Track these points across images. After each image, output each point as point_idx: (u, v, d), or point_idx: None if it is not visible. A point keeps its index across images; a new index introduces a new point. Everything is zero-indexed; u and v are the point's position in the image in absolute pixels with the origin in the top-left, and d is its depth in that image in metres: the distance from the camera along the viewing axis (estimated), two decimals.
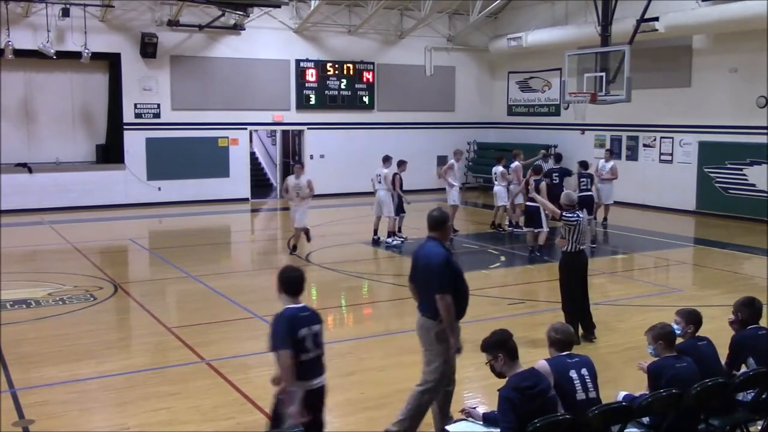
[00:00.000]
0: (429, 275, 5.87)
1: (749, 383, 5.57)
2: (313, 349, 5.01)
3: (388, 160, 15.80)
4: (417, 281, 6.09)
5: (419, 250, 6.10)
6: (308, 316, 5.09)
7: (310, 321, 5.07)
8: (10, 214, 19.22)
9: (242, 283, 12.49)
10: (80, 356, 8.39)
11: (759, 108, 18.15)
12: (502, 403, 4.73)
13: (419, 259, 6.04)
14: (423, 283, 5.98)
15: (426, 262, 5.92)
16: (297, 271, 5.28)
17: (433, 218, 6.03)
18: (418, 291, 6.10)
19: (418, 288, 6.09)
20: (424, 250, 6.02)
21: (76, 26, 19.69)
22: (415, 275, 6.11)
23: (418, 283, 6.08)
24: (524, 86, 25.68)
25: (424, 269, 5.94)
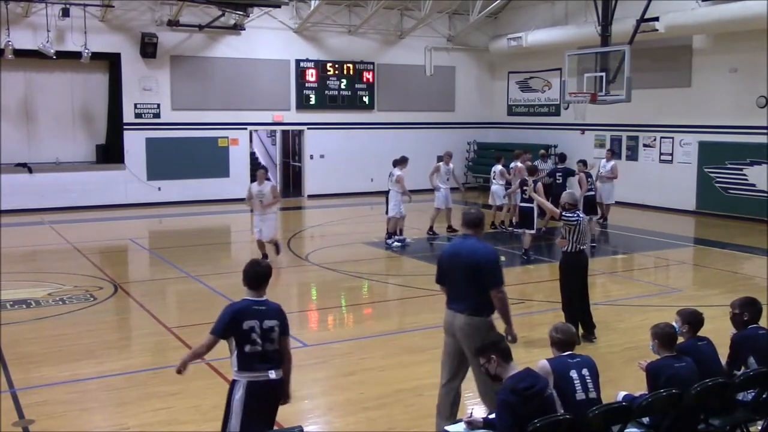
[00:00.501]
0: (480, 271, 5.81)
1: (749, 383, 5.57)
2: (260, 342, 4.97)
3: (405, 161, 15.63)
4: (456, 280, 5.95)
5: (460, 249, 6.00)
6: (263, 310, 5.10)
7: (263, 315, 5.06)
8: (10, 214, 19.21)
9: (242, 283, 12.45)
10: (80, 356, 8.39)
11: (759, 108, 18.14)
12: (500, 408, 4.73)
13: (462, 257, 5.91)
14: (469, 281, 5.85)
15: (474, 259, 5.84)
16: (260, 267, 5.35)
17: (471, 217, 6.04)
18: (458, 290, 5.95)
19: (458, 287, 5.95)
20: (467, 247, 5.93)
21: (76, 26, 19.69)
22: (453, 274, 5.97)
23: (457, 282, 5.94)
24: (524, 86, 25.68)
25: (471, 266, 5.83)
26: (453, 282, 5.99)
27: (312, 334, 9.77)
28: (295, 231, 18.46)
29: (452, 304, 5.98)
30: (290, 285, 13.08)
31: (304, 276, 13.36)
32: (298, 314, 11.05)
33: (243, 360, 4.94)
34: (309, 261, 14.21)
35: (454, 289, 6.00)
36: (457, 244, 6.14)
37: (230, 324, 4.98)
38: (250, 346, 4.95)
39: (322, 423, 6.82)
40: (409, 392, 7.27)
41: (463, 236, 6.08)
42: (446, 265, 6.08)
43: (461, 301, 5.90)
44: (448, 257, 6.11)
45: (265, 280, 5.31)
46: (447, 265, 6.07)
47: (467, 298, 5.88)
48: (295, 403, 7.08)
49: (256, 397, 4.94)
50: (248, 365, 4.95)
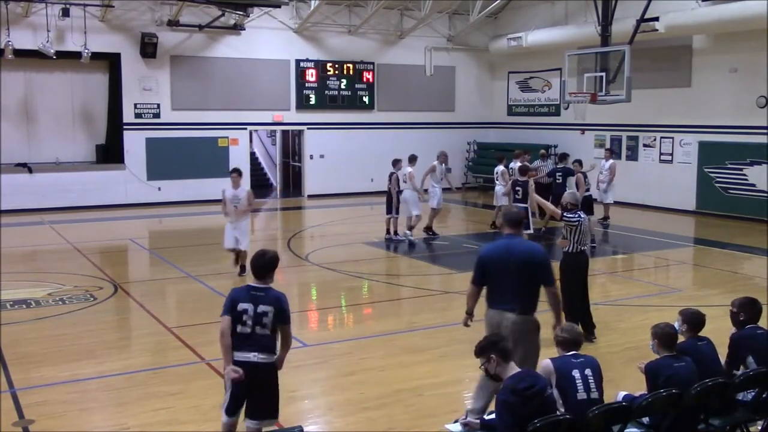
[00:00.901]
0: (536, 269, 5.93)
1: (749, 383, 5.57)
2: (250, 325, 5.28)
3: (414, 159, 15.98)
4: (505, 279, 5.95)
5: (509, 248, 6.01)
6: (260, 296, 5.42)
7: (259, 300, 5.37)
8: (10, 214, 19.21)
9: (242, 283, 12.45)
10: (80, 356, 8.39)
11: (759, 108, 18.14)
12: (499, 408, 4.73)
13: (514, 256, 5.94)
14: (522, 280, 5.91)
15: (529, 258, 5.94)
16: (263, 257, 5.68)
17: (515, 215, 6.21)
18: (507, 289, 5.95)
19: (508, 286, 5.95)
20: (518, 246, 6.01)
21: (76, 26, 19.69)
22: (502, 274, 5.97)
23: (507, 282, 5.94)
24: (524, 86, 25.68)
25: (525, 265, 5.91)
26: (501, 281, 6.00)
27: (312, 334, 9.77)
28: (295, 231, 18.46)
29: (500, 304, 6.01)
30: (290, 285, 13.05)
31: (304, 276, 13.36)
32: (298, 314, 11.05)
33: (234, 340, 5.28)
34: (309, 261, 14.21)
35: (502, 289, 6.00)
36: (504, 244, 6.11)
37: (229, 305, 5.37)
38: (240, 326, 5.29)
39: (322, 423, 6.82)
40: (409, 392, 7.27)
41: (508, 236, 6.13)
42: (492, 265, 6.07)
43: (511, 300, 5.94)
44: (495, 257, 6.09)
45: (268, 270, 5.64)
46: (493, 264, 6.06)
47: (519, 297, 5.94)
48: (295, 403, 7.10)
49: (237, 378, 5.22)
50: (236, 345, 5.27)
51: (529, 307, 5.96)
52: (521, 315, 5.92)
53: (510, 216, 6.18)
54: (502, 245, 6.13)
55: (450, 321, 9.99)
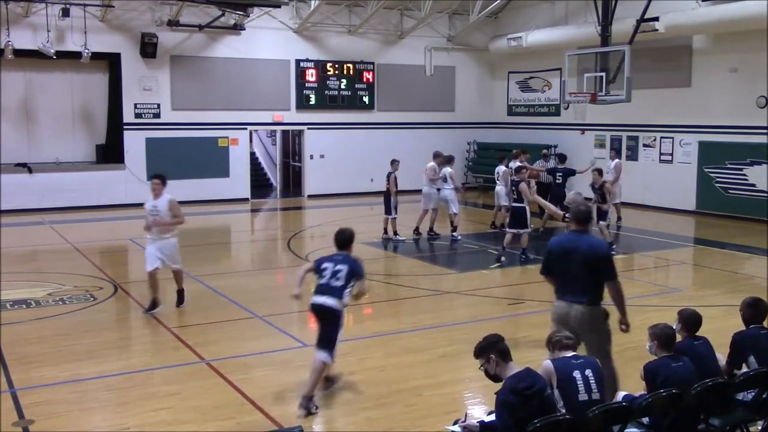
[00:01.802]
0: (599, 264, 6.16)
1: (749, 383, 5.58)
2: (326, 275, 7.03)
3: (452, 160, 16.65)
4: (572, 273, 6.19)
5: (575, 243, 6.26)
6: (338, 258, 7.15)
7: (336, 261, 7.11)
8: (10, 214, 19.21)
9: (242, 283, 12.48)
10: (80, 356, 8.38)
11: (759, 108, 18.14)
12: (499, 408, 4.73)
13: (580, 252, 6.18)
14: (588, 274, 6.14)
15: (594, 253, 6.19)
16: (342, 234, 7.34)
17: (582, 213, 6.41)
18: (574, 282, 6.20)
19: (575, 279, 6.19)
20: (584, 242, 6.25)
21: (76, 26, 19.69)
22: (569, 267, 6.22)
23: (573, 275, 6.19)
24: (524, 86, 25.68)
25: (591, 260, 6.15)
26: (568, 274, 6.24)
27: (312, 334, 9.73)
28: (295, 231, 18.47)
29: (567, 296, 6.26)
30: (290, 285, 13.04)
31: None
32: (298, 314, 11.05)
33: (315, 289, 7.06)
34: (309, 261, 14.17)
35: (569, 282, 6.25)
36: (571, 239, 6.37)
37: (317, 264, 7.20)
38: (319, 278, 7.07)
39: (322, 423, 6.81)
40: (409, 392, 7.27)
41: (574, 231, 6.37)
42: (559, 259, 6.34)
43: (579, 292, 6.19)
44: (562, 251, 6.35)
45: (347, 243, 7.29)
46: (560, 258, 6.33)
47: (585, 289, 6.18)
48: (296, 403, 7.09)
49: (314, 313, 7.16)
50: (315, 292, 7.07)
51: (596, 298, 6.22)
52: (589, 306, 6.17)
53: (576, 213, 6.41)
54: (568, 240, 6.41)
55: (450, 321, 10.00)
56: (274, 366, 8.12)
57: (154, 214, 10.04)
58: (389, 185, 15.73)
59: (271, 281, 13.13)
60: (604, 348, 6.21)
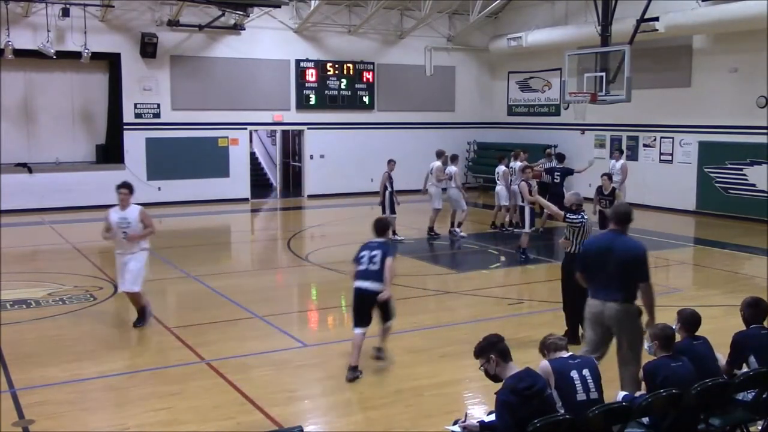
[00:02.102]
0: (634, 264, 6.26)
1: (749, 383, 5.58)
2: (364, 262, 7.73)
3: (456, 158, 16.94)
4: (608, 272, 6.30)
5: (614, 243, 6.38)
6: (373, 244, 7.88)
7: (373, 247, 7.82)
8: (10, 214, 19.21)
9: (242, 283, 12.48)
10: (80, 356, 8.38)
11: (759, 108, 18.13)
12: (499, 408, 4.73)
13: (618, 252, 6.30)
14: (624, 273, 6.27)
15: (631, 254, 6.30)
16: (380, 222, 8.24)
17: (623, 213, 6.52)
18: (609, 281, 6.30)
19: (610, 278, 6.30)
20: (622, 243, 6.37)
21: (76, 26, 19.68)
22: (605, 266, 6.32)
23: (609, 274, 6.29)
24: (524, 86, 25.68)
25: (627, 260, 6.27)
26: (604, 273, 6.34)
27: (312, 334, 9.78)
28: (295, 231, 18.47)
29: (601, 294, 6.37)
30: (290, 285, 13.08)
31: (304, 276, 13.36)
32: (298, 314, 11.06)
33: (356, 273, 7.77)
34: (309, 261, 14.20)
35: (605, 280, 6.35)
36: (609, 239, 6.48)
37: (355, 255, 7.89)
38: (358, 265, 7.78)
39: (322, 423, 6.82)
40: (409, 392, 7.27)
41: (613, 231, 6.47)
42: (595, 257, 6.46)
43: (614, 291, 6.29)
44: (599, 250, 6.47)
45: (384, 230, 8.17)
46: (596, 257, 6.44)
47: (620, 288, 6.28)
48: (295, 403, 7.11)
49: (356, 298, 7.79)
50: (356, 277, 7.77)
51: (630, 296, 6.31)
52: (623, 304, 6.27)
53: (617, 213, 6.53)
54: (606, 240, 6.52)
55: (450, 321, 10.00)
56: (274, 366, 8.11)
57: (123, 226, 9.28)
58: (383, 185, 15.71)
59: (271, 281, 13.13)
60: (635, 346, 6.28)
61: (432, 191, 16.42)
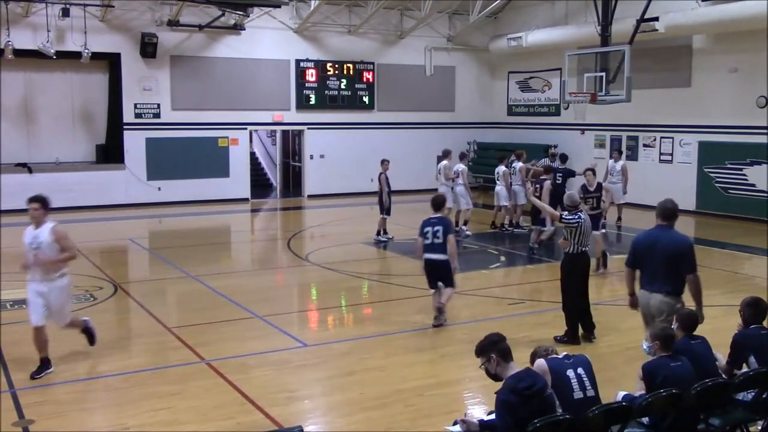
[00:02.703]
0: (682, 258, 6.62)
1: (749, 383, 5.58)
2: (430, 238, 9.21)
3: (465, 156, 17.30)
4: (656, 265, 6.67)
5: (660, 238, 6.74)
6: (434, 221, 9.31)
7: (434, 224, 9.27)
8: (10, 214, 19.19)
9: (242, 283, 12.48)
10: (80, 356, 8.39)
11: (759, 108, 18.14)
12: (499, 407, 4.74)
13: (665, 245, 6.66)
14: (670, 266, 6.62)
15: (678, 248, 6.67)
16: (437, 199, 9.71)
17: (669, 209, 6.94)
18: (657, 274, 6.67)
19: (658, 271, 6.66)
20: (669, 237, 6.75)
21: (76, 26, 19.69)
22: (653, 260, 6.69)
23: (657, 267, 6.66)
24: (524, 86, 25.68)
25: (674, 254, 6.64)
26: (651, 266, 6.74)
27: (312, 334, 9.78)
28: (295, 231, 18.48)
29: (649, 286, 6.78)
30: (290, 285, 13.09)
31: (304, 276, 13.36)
32: (298, 314, 11.06)
33: (424, 247, 9.27)
34: (309, 261, 14.20)
35: (652, 273, 6.74)
36: (656, 234, 6.84)
37: (420, 228, 9.33)
38: (424, 239, 9.24)
39: (322, 423, 6.82)
40: (409, 392, 7.27)
41: (659, 227, 6.84)
42: (644, 251, 6.84)
43: (660, 283, 6.68)
44: (647, 245, 6.84)
45: (441, 206, 9.62)
46: (645, 251, 6.82)
47: (666, 280, 6.66)
48: (295, 403, 7.11)
49: (426, 267, 9.42)
50: (425, 250, 9.27)
51: (676, 290, 6.67)
52: (668, 295, 6.64)
53: (663, 209, 6.93)
54: (653, 235, 6.87)
55: (450, 321, 10.00)
56: (274, 366, 8.12)
57: (34, 248, 7.90)
58: (381, 186, 15.69)
59: (271, 281, 13.13)
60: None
61: (441, 191, 16.31)
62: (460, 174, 16.48)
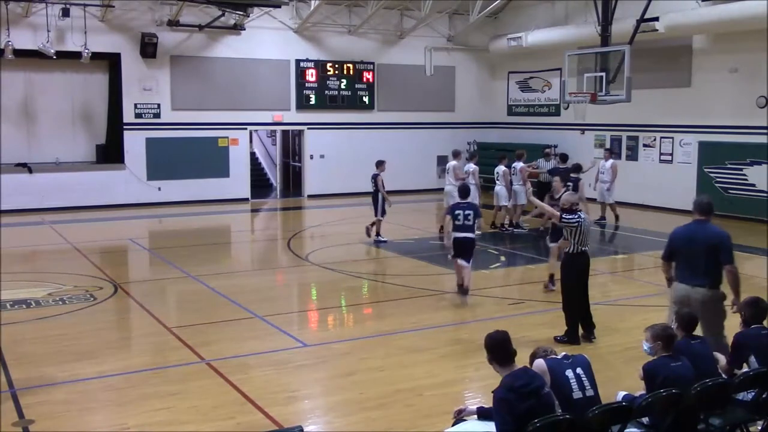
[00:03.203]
0: (719, 248, 6.83)
1: (749, 383, 5.58)
2: (461, 220, 10.58)
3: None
4: (694, 258, 6.89)
5: (698, 231, 6.99)
6: (464, 205, 10.79)
7: (464, 208, 10.73)
8: (10, 214, 19.22)
9: (242, 283, 12.48)
10: (80, 356, 8.38)
11: (759, 108, 18.13)
12: (497, 405, 4.75)
13: (703, 239, 6.90)
14: (709, 259, 6.83)
15: (716, 241, 6.87)
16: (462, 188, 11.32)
17: (706, 204, 7.18)
18: (696, 267, 6.87)
19: (697, 264, 6.87)
20: (706, 230, 6.97)
21: (76, 26, 19.69)
22: (692, 253, 6.92)
23: (696, 260, 6.88)
24: (524, 86, 25.68)
25: (712, 247, 6.84)
26: (691, 260, 6.95)
27: (312, 334, 9.78)
28: (295, 231, 18.48)
29: (689, 279, 6.95)
30: (290, 285, 13.09)
31: (304, 276, 13.36)
32: (298, 314, 11.06)
33: (455, 227, 10.64)
34: (309, 261, 14.20)
35: (691, 266, 6.94)
36: (694, 228, 7.07)
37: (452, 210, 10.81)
38: (456, 221, 10.59)
39: (322, 423, 6.82)
40: (409, 392, 7.27)
41: (697, 221, 7.06)
42: (682, 246, 7.07)
43: (700, 276, 6.87)
44: (686, 238, 7.06)
45: (466, 193, 11.05)
46: (683, 245, 7.05)
47: (706, 273, 6.85)
48: (295, 403, 7.11)
49: (456, 245, 10.69)
50: (455, 230, 10.64)
51: (715, 282, 6.86)
52: (710, 289, 6.81)
53: (699, 204, 7.14)
54: (691, 229, 7.09)
55: (450, 321, 10.01)
56: (274, 366, 8.12)
57: None
58: (378, 187, 15.60)
59: (271, 281, 13.13)
60: (713, 327, 6.71)
61: (448, 190, 16.50)
62: (472, 174, 16.53)
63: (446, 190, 16.72)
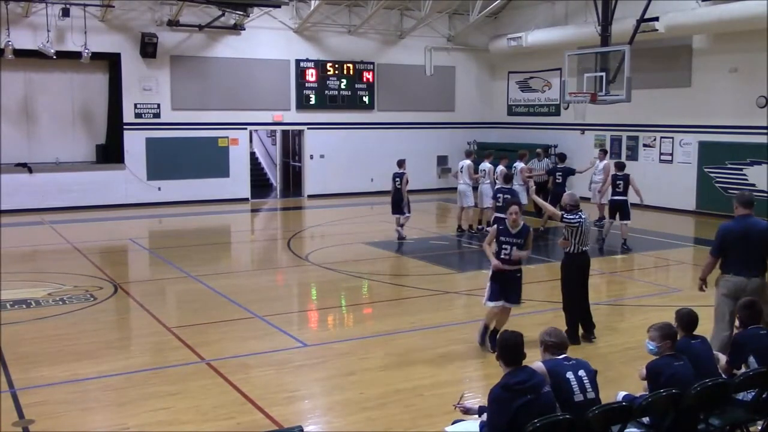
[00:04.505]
0: None
1: (749, 383, 5.58)
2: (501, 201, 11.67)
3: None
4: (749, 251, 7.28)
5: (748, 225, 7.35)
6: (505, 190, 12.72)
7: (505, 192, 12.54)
8: (10, 214, 19.22)
9: (242, 283, 12.48)
10: (80, 356, 8.38)
11: (759, 108, 18.14)
12: (490, 404, 4.79)
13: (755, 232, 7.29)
14: (761, 250, 7.30)
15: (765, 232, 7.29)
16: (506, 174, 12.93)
17: (747, 198, 7.53)
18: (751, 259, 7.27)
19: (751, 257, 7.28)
20: (754, 224, 7.37)
21: (76, 26, 19.69)
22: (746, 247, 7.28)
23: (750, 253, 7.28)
24: (524, 86, 25.68)
25: (763, 239, 7.27)
26: (746, 253, 7.30)
27: (312, 334, 9.78)
28: (295, 231, 18.47)
29: (745, 271, 7.31)
30: (290, 285, 13.09)
31: (304, 276, 13.36)
32: (298, 314, 11.07)
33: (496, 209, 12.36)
34: (309, 261, 14.20)
35: (746, 259, 7.30)
36: (743, 223, 7.41)
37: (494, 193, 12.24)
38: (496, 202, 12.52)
39: (322, 423, 6.82)
40: (409, 392, 7.27)
41: (743, 216, 7.42)
42: (736, 240, 7.36)
43: (755, 267, 7.30)
44: (740, 233, 7.37)
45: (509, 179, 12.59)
46: (737, 239, 7.35)
47: (759, 264, 7.31)
48: (295, 403, 7.11)
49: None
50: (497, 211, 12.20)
51: (765, 270, 7.34)
52: (764, 278, 7.28)
53: (743, 198, 7.50)
54: (741, 223, 7.41)
55: (450, 321, 10.00)
56: (274, 366, 8.12)
57: None
58: (402, 186, 15.63)
59: (271, 281, 13.13)
60: None
61: (462, 189, 16.54)
62: (487, 173, 16.58)
63: (460, 190, 16.79)
